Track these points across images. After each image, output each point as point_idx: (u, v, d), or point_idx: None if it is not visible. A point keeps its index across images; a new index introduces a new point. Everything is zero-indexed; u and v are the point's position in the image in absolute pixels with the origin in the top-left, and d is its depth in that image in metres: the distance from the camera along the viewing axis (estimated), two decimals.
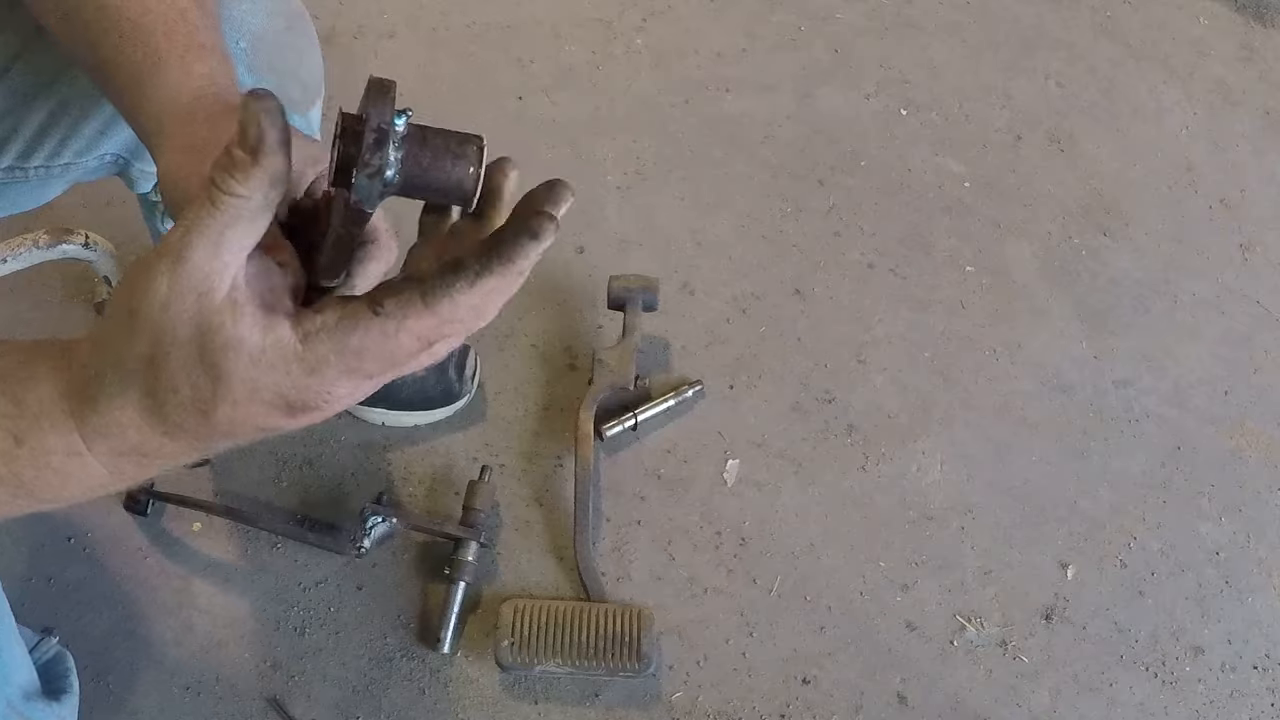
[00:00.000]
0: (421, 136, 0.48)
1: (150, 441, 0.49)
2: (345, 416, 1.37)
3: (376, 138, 0.45)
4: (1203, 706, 1.26)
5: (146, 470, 0.52)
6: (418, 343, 0.47)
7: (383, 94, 0.45)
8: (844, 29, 1.89)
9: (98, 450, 0.50)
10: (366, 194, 0.46)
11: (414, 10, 1.84)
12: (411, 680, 1.21)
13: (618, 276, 1.42)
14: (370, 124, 0.45)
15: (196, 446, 0.50)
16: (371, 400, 1.33)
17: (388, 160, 0.46)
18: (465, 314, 0.47)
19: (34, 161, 0.93)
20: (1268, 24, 1.98)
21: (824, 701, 1.23)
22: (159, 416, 0.48)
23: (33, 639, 1.11)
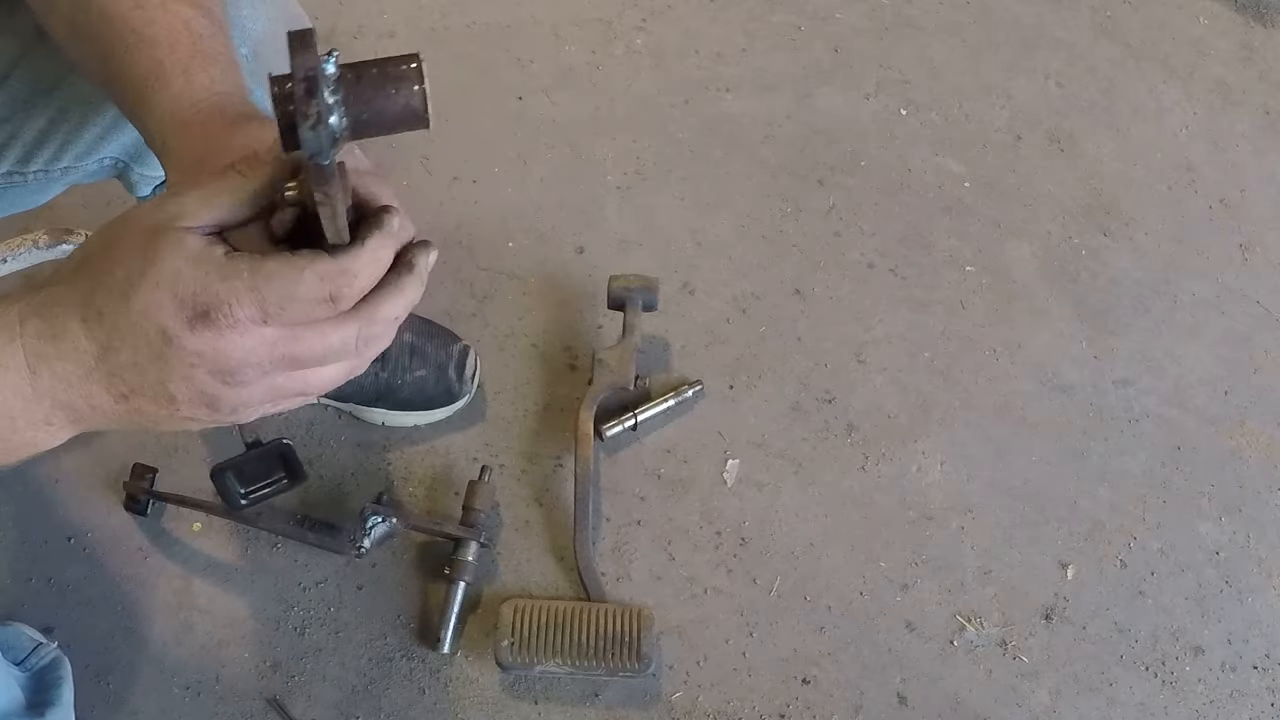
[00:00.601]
0: (355, 73, 0.48)
1: (70, 328, 0.53)
2: (345, 416, 1.37)
3: (306, 86, 0.45)
4: (1203, 706, 1.26)
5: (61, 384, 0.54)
6: (319, 284, 0.52)
7: (302, 44, 0.45)
8: (844, 29, 1.89)
9: (28, 331, 0.53)
10: (315, 145, 0.46)
11: (414, 10, 1.84)
12: (411, 680, 1.21)
13: (618, 276, 1.42)
14: (296, 75, 0.45)
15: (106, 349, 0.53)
16: (372, 400, 1.33)
17: (325, 105, 0.45)
18: (362, 268, 0.53)
19: (33, 166, 0.93)
20: (1268, 24, 1.98)
21: (824, 701, 1.23)
22: (86, 294, 0.53)
23: (31, 644, 1.11)
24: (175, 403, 0.54)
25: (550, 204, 1.61)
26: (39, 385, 0.53)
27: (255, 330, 0.52)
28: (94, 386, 0.54)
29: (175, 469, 1.32)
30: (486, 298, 1.50)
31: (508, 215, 1.58)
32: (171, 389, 0.54)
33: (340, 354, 0.56)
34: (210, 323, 0.51)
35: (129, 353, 0.53)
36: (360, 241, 0.54)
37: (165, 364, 0.53)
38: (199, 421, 0.57)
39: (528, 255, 1.55)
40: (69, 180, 0.97)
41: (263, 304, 0.52)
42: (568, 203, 1.61)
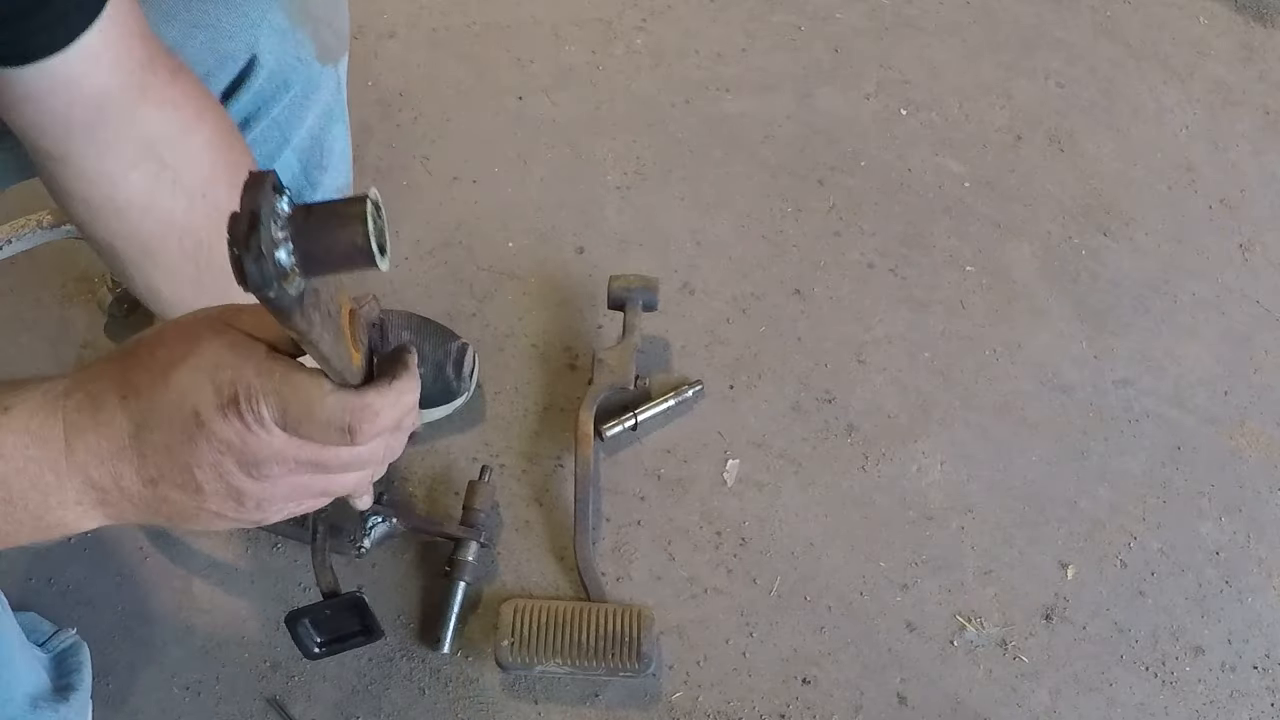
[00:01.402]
0: (305, 213, 0.49)
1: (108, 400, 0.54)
2: None
3: (249, 221, 0.46)
4: (1203, 706, 1.26)
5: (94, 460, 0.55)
6: (340, 413, 0.53)
7: (256, 184, 0.47)
8: (844, 29, 1.89)
9: (69, 404, 0.54)
10: (258, 278, 0.46)
11: (414, 10, 1.84)
12: (411, 680, 1.21)
13: (618, 276, 1.42)
14: (243, 211, 0.46)
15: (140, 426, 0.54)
16: None
17: (270, 239, 0.46)
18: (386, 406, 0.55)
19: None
20: (1268, 24, 1.98)
21: (824, 701, 1.23)
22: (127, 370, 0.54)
23: (49, 630, 1.12)
24: (202, 492, 0.55)
25: (550, 204, 1.61)
26: (73, 459, 0.54)
27: (280, 431, 0.54)
28: (125, 466, 0.55)
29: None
30: (486, 298, 1.50)
31: (508, 215, 1.58)
32: (198, 476, 0.54)
33: (364, 465, 0.58)
34: (239, 413, 0.52)
35: (162, 433, 0.54)
36: (387, 380, 0.55)
37: (195, 447, 0.54)
38: (224, 518, 0.57)
39: (528, 255, 1.55)
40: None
41: (284, 412, 0.53)
42: (568, 203, 1.61)
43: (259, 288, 0.46)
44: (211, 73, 0.93)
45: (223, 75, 0.94)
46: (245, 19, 0.92)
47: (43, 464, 0.54)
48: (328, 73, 1.01)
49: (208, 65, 0.93)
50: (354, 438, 0.54)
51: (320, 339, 0.51)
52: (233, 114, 0.97)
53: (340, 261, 0.49)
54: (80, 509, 0.56)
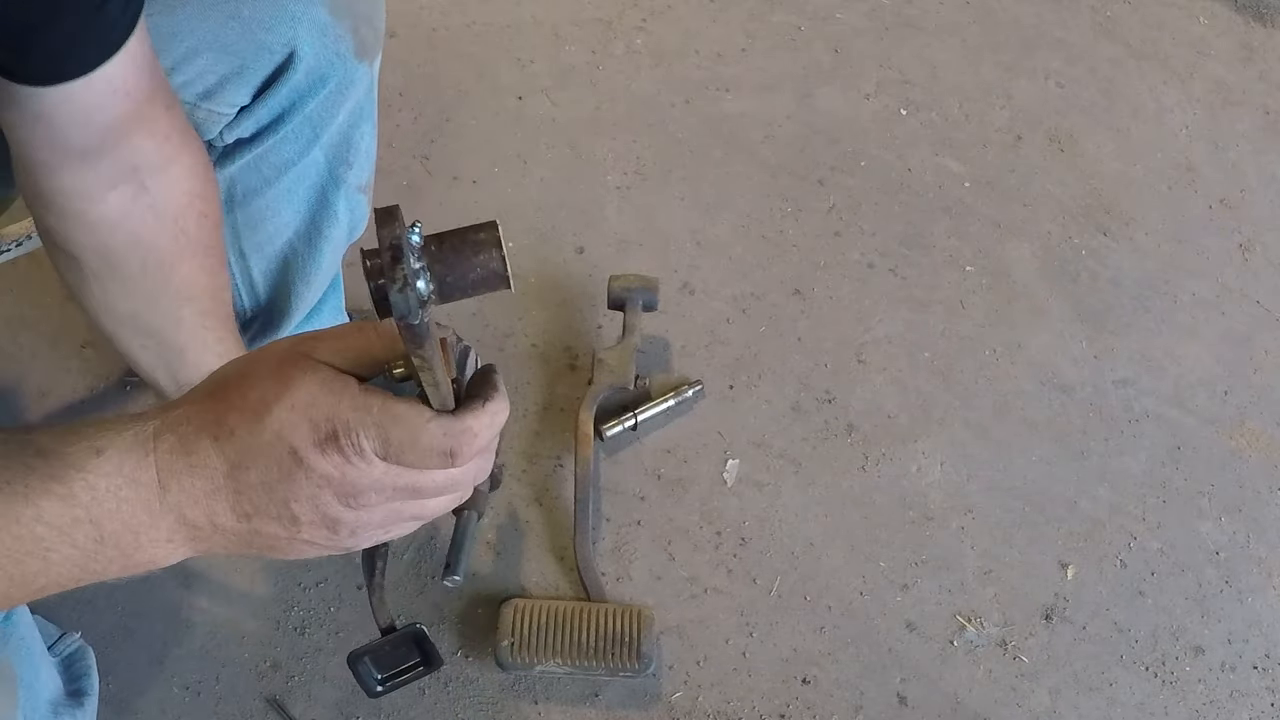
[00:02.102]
0: (438, 242, 0.51)
1: (201, 443, 0.54)
2: None
3: (392, 254, 0.48)
4: (1203, 706, 1.26)
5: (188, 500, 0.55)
6: (441, 438, 0.54)
7: (388, 217, 0.49)
8: (844, 29, 1.89)
9: (161, 446, 0.55)
10: (404, 307, 0.48)
11: (414, 10, 1.84)
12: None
13: (618, 276, 1.42)
14: (383, 245, 0.48)
15: (235, 465, 0.54)
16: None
17: (412, 270, 0.48)
18: (481, 426, 0.55)
19: None
20: (1268, 24, 1.98)
21: (824, 701, 1.23)
22: (219, 414, 0.54)
23: (54, 634, 1.12)
24: (298, 524, 0.56)
25: (550, 204, 1.61)
26: (167, 500, 0.55)
27: (380, 461, 0.54)
28: (219, 504, 0.55)
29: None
30: (486, 298, 1.50)
31: (508, 215, 1.58)
32: (295, 510, 0.55)
33: (457, 487, 0.59)
34: (339, 448, 0.53)
35: (259, 472, 0.54)
36: (481, 401, 0.56)
37: (293, 484, 0.54)
38: (316, 546, 0.58)
39: (528, 255, 1.55)
40: None
41: (386, 442, 0.54)
42: (568, 203, 1.61)
43: (403, 316, 0.48)
44: (248, 65, 0.93)
45: (260, 67, 0.94)
46: (286, 12, 0.92)
47: (136, 505, 0.54)
48: (362, 70, 1.01)
49: (244, 57, 0.93)
50: (455, 460, 0.55)
51: (436, 364, 0.52)
52: (268, 108, 0.97)
53: (474, 287, 0.52)
54: (171, 546, 0.57)
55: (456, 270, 0.51)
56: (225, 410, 0.54)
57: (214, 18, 0.90)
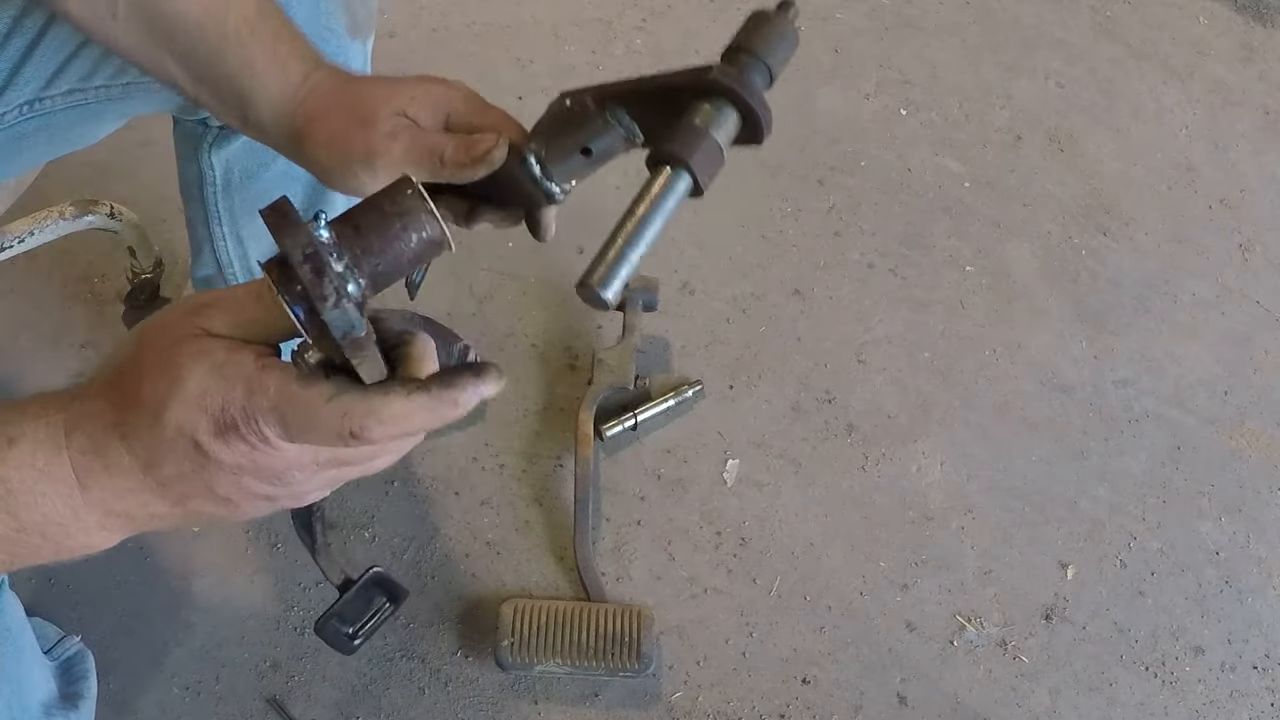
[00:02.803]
0: (353, 226, 0.44)
1: (111, 445, 0.52)
2: None
3: (313, 267, 0.42)
4: (1203, 706, 1.26)
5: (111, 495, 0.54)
6: (342, 421, 0.50)
7: (284, 219, 0.42)
8: (844, 29, 1.89)
9: (73, 445, 0.53)
10: (344, 323, 0.42)
11: (414, 10, 1.84)
12: (411, 680, 1.21)
13: None
14: (294, 258, 0.42)
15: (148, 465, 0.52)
16: None
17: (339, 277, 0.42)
18: (391, 417, 0.51)
19: (96, 80, 0.92)
20: (1268, 24, 1.98)
21: (824, 701, 1.23)
22: (120, 411, 0.52)
23: (54, 638, 1.11)
24: (231, 503, 0.54)
25: None
26: (89, 497, 0.53)
27: (288, 444, 0.51)
28: (147, 496, 0.54)
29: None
30: (486, 298, 1.50)
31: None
32: (222, 493, 0.53)
33: (395, 451, 0.56)
34: (241, 437, 0.51)
35: (172, 466, 0.52)
36: (405, 390, 0.51)
37: (208, 474, 0.52)
38: (264, 511, 0.56)
39: (528, 255, 1.55)
40: (129, 105, 0.96)
41: (286, 426, 0.51)
42: (568, 203, 1.61)
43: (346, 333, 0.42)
44: None
45: None
46: None
47: (56, 500, 0.53)
48: (356, 47, 1.01)
49: None
50: (360, 441, 0.51)
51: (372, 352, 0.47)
52: None
53: (412, 263, 0.46)
54: (105, 533, 0.55)
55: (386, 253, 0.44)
56: (125, 407, 0.52)
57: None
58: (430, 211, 0.45)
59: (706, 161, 0.60)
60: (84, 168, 1.43)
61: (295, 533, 0.81)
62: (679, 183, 0.58)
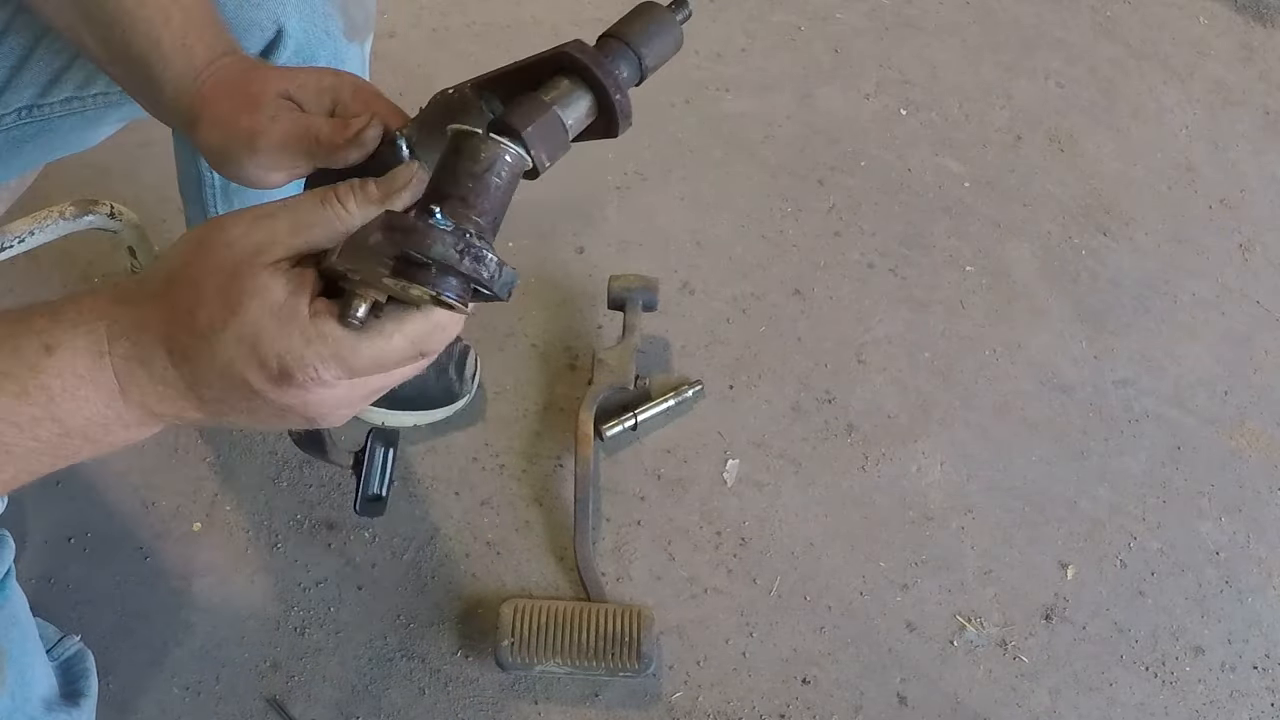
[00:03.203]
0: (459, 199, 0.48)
1: (156, 358, 0.54)
2: None
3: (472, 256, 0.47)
4: (1203, 706, 1.26)
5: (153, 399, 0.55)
6: (410, 346, 0.53)
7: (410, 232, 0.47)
8: (844, 29, 1.89)
9: (116, 351, 0.54)
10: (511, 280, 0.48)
11: (414, 10, 1.85)
12: (411, 680, 1.21)
13: (618, 276, 1.42)
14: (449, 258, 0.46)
15: (192, 384, 0.54)
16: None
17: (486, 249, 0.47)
18: (451, 315, 0.53)
19: (93, 89, 0.93)
20: (1268, 24, 1.98)
21: (824, 701, 1.23)
22: (171, 328, 0.53)
23: (54, 637, 1.11)
24: (269, 424, 0.56)
25: (550, 204, 1.61)
26: (129, 399, 0.54)
27: (344, 383, 0.53)
28: (186, 405, 0.55)
29: (175, 467, 1.32)
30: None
31: (508, 215, 1.58)
32: (263, 418, 0.55)
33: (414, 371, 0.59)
34: (296, 384, 0.52)
35: (218, 391, 0.54)
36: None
37: (254, 408, 0.54)
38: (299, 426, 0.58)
39: (528, 255, 1.55)
40: (128, 110, 0.97)
41: (351, 370, 0.53)
42: (568, 203, 1.61)
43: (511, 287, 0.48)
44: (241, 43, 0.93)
45: (249, 45, 0.94)
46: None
47: (98, 404, 0.54)
48: (353, 49, 1.01)
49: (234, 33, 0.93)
50: (427, 357, 0.54)
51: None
52: None
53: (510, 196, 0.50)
54: (144, 429, 0.56)
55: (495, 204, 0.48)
56: (176, 326, 0.53)
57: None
58: (506, 144, 0.49)
59: (542, 136, 0.58)
60: (84, 168, 1.43)
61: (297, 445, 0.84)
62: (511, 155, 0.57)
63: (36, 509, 1.29)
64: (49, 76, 0.91)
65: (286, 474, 1.33)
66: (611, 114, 0.59)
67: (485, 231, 0.48)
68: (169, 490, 1.31)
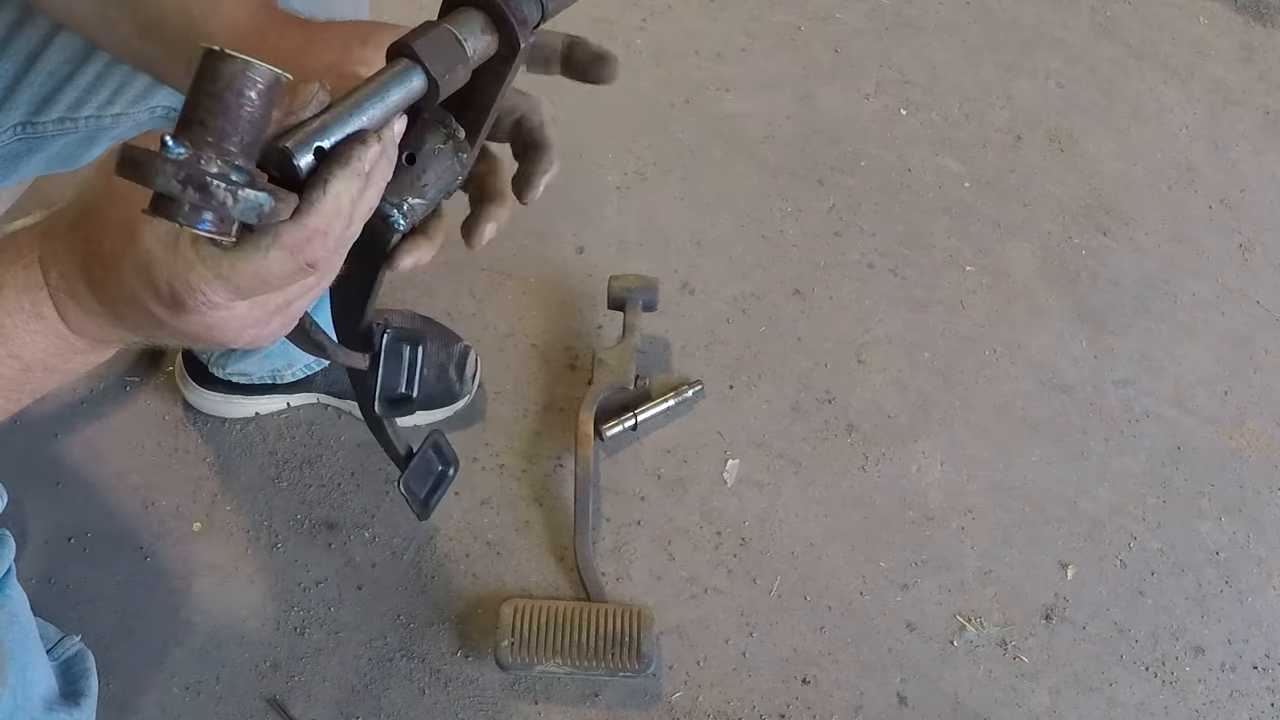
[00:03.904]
0: (198, 122, 0.46)
1: (78, 286, 0.55)
2: (345, 416, 1.37)
3: (193, 185, 0.45)
4: (1203, 706, 1.26)
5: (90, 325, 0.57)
6: (290, 257, 0.51)
7: (134, 164, 0.45)
8: (844, 29, 1.89)
9: (50, 283, 0.55)
10: (255, 205, 0.46)
11: (414, 11, 1.84)
12: (411, 680, 1.21)
13: (618, 276, 1.42)
14: (171, 190, 0.45)
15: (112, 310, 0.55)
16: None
17: (217, 176, 0.45)
18: (327, 219, 0.51)
19: (85, 111, 0.94)
20: (1268, 24, 1.98)
21: (824, 701, 1.23)
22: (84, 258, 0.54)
23: (55, 637, 1.12)
24: (200, 340, 0.56)
25: (550, 204, 1.60)
26: (72, 326, 0.57)
27: (240, 304, 0.53)
28: (118, 329, 0.57)
29: (174, 468, 1.32)
30: (486, 298, 1.50)
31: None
32: (185, 339, 0.56)
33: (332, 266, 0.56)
34: (189, 309, 0.52)
35: (133, 318, 0.55)
36: (320, 186, 0.51)
37: (170, 331, 0.55)
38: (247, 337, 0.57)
39: (528, 255, 1.55)
40: (119, 131, 0.98)
41: (236, 289, 0.52)
42: (568, 203, 1.61)
43: (259, 211, 0.46)
44: None
45: None
46: None
47: (49, 335, 0.56)
48: None
49: None
50: (319, 267, 0.52)
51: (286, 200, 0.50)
52: None
53: (266, 118, 0.48)
54: (95, 354, 0.59)
55: (240, 124, 0.46)
56: (89, 256, 0.54)
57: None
58: (246, 60, 0.46)
59: (436, 52, 0.57)
60: (85, 169, 1.43)
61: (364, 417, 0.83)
62: (409, 76, 0.56)
63: (36, 509, 1.29)
64: (42, 96, 0.92)
65: (286, 474, 1.33)
66: (507, 26, 0.62)
67: (233, 156, 0.46)
68: (169, 490, 1.31)
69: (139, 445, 1.34)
